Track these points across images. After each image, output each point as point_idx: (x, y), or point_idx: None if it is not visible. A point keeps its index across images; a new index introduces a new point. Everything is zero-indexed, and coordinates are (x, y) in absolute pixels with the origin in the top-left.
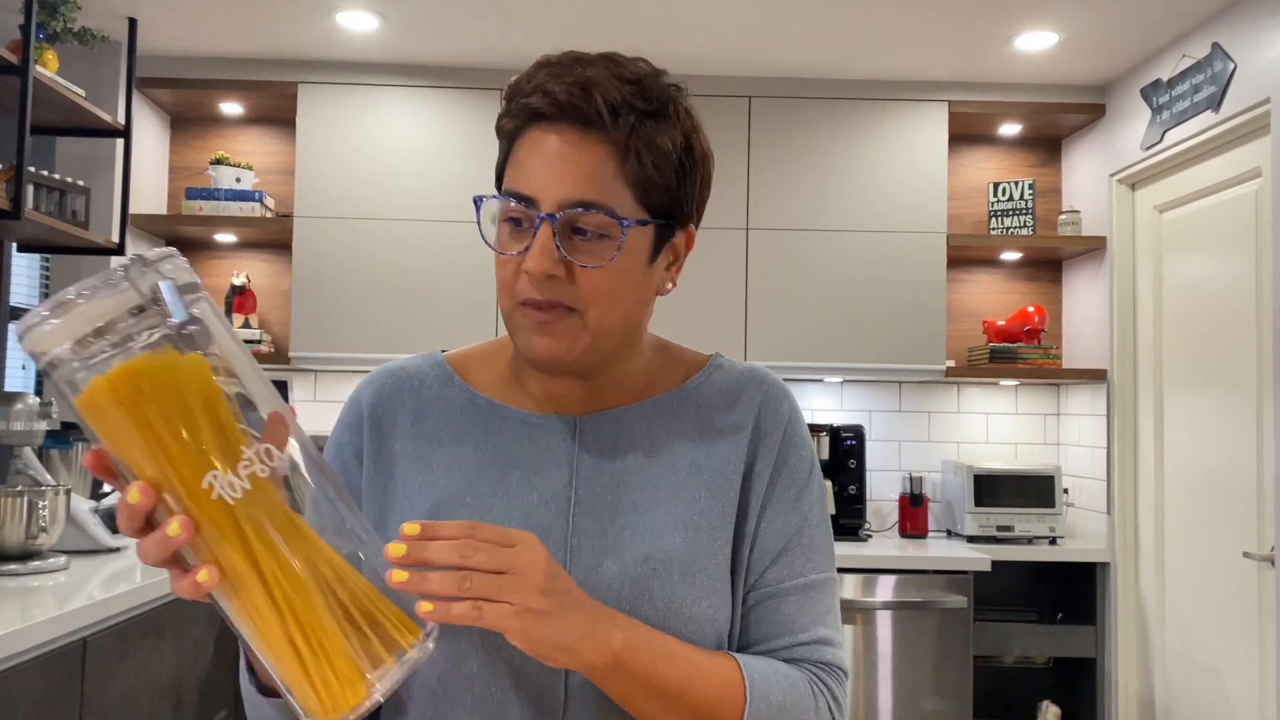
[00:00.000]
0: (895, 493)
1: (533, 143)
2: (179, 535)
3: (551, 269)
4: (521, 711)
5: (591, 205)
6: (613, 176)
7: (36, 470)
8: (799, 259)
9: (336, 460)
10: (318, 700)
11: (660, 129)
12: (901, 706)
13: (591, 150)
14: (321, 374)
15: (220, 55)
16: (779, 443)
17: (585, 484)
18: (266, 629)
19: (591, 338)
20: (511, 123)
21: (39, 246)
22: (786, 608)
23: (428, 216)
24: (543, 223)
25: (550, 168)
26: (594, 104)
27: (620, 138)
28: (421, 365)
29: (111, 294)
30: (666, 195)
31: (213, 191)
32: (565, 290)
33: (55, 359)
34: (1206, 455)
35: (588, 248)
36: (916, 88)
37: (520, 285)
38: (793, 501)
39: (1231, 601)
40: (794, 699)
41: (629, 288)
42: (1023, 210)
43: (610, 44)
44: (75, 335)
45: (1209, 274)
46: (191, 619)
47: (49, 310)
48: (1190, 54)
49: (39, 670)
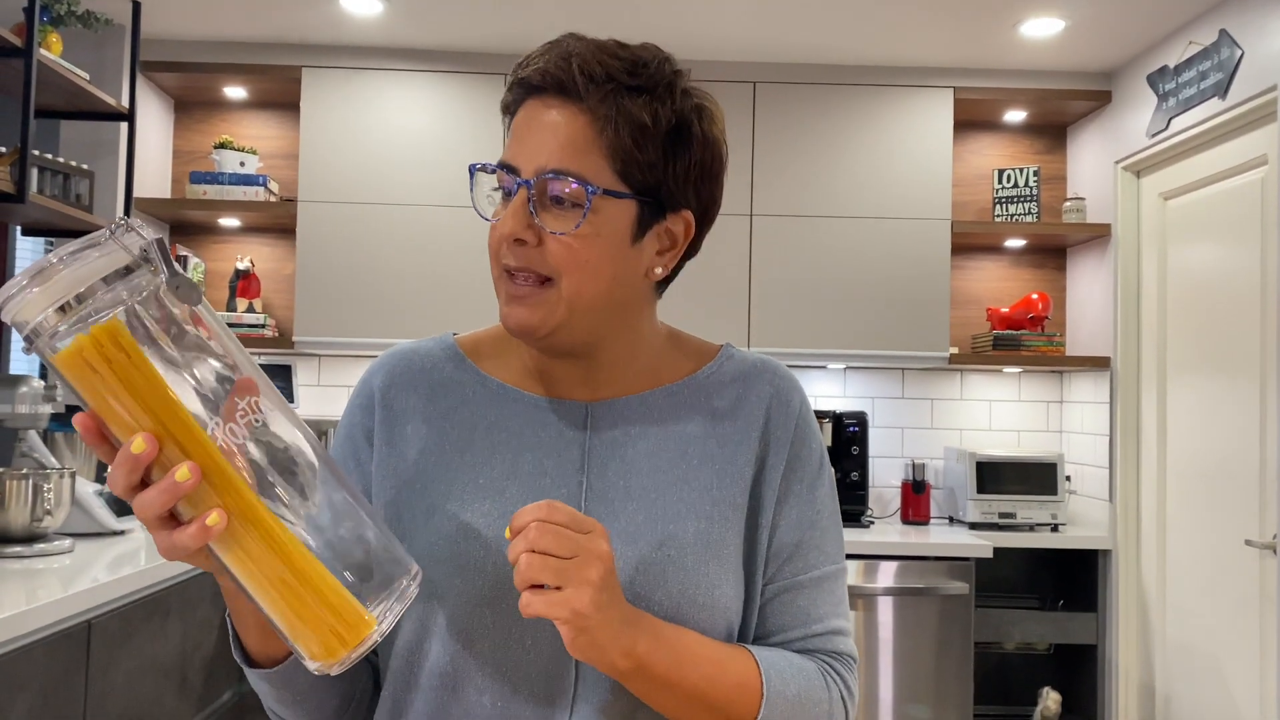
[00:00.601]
0: (898, 479)
1: (524, 115)
2: (189, 479)
3: (521, 232)
4: (532, 692)
5: (563, 173)
6: (589, 146)
7: (41, 453)
8: (803, 245)
9: (348, 442)
10: (321, 643)
11: (645, 104)
12: (903, 692)
13: (571, 119)
14: (325, 358)
15: (224, 39)
16: (791, 435)
17: (597, 469)
18: (267, 574)
19: (568, 310)
20: (509, 98)
21: (43, 230)
22: (801, 600)
23: (431, 201)
24: (519, 188)
25: (532, 136)
26: (572, 71)
27: (598, 108)
28: (433, 348)
29: (97, 257)
30: (650, 172)
31: (217, 175)
32: (536, 257)
33: (38, 326)
34: (1209, 443)
35: (561, 214)
36: (922, 74)
37: (501, 251)
38: (806, 494)
39: (1233, 589)
40: (808, 691)
41: (606, 262)
42: (1027, 197)
43: (614, 28)
44: (58, 300)
45: (1214, 262)
46: (196, 600)
47: (29, 278)
48: (1197, 40)
49: (44, 652)
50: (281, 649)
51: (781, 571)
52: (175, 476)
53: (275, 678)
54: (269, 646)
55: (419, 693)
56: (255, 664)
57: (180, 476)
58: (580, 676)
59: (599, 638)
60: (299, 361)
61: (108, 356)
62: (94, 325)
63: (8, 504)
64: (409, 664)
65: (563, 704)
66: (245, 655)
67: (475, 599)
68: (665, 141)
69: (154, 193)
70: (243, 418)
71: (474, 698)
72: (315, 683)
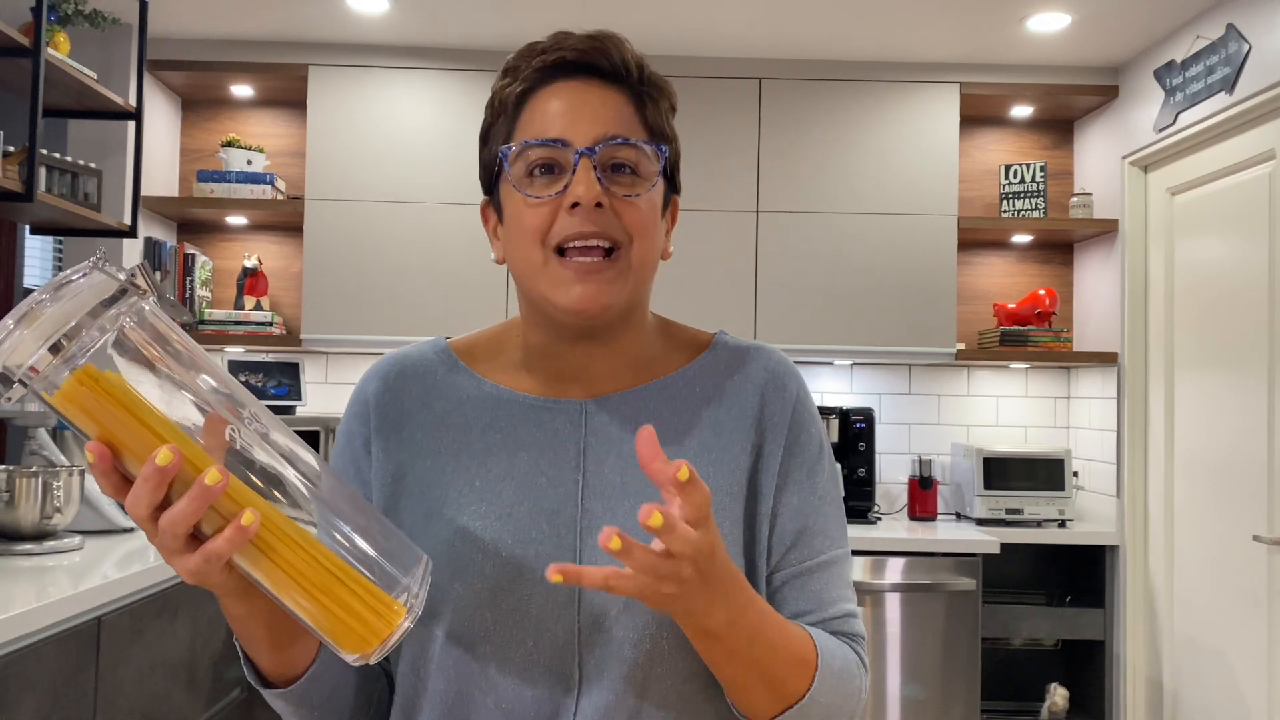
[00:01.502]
0: (904, 475)
1: (551, 95)
2: (219, 480)
3: (600, 196)
4: (536, 691)
5: (626, 140)
6: (634, 121)
7: (51, 451)
8: (809, 242)
9: (346, 450)
10: (357, 636)
11: (660, 90)
12: (910, 689)
13: (617, 96)
14: (333, 356)
15: (231, 37)
16: (788, 421)
17: (593, 466)
18: (295, 576)
19: (634, 284)
20: (521, 85)
21: (52, 229)
22: (813, 585)
23: (438, 198)
24: (581, 157)
25: (579, 110)
26: (611, 58)
27: (637, 88)
28: (426, 352)
29: (80, 291)
30: (671, 152)
31: (224, 174)
32: (611, 222)
33: (31, 369)
34: (1217, 439)
35: (626, 181)
36: (928, 69)
37: (559, 226)
38: (807, 480)
39: (1240, 584)
40: (847, 668)
41: (658, 231)
42: (1034, 193)
43: (620, 24)
44: (49, 340)
45: (1221, 257)
46: (205, 597)
47: (15, 321)
48: (1204, 35)
49: (54, 649)
50: (296, 665)
51: (787, 559)
52: (205, 480)
53: (291, 695)
54: (282, 665)
55: (426, 696)
56: (269, 683)
57: (210, 479)
58: (584, 675)
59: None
60: (306, 359)
61: (106, 387)
62: (88, 360)
63: (18, 501)
64: (414, 669)
65: (567, 703)
66: (258, 675)
67: (475, 602)
68: (673, 127)
69: (161, 191)
70: (248, 425)
71: (479, 698)
72: (332, 693)
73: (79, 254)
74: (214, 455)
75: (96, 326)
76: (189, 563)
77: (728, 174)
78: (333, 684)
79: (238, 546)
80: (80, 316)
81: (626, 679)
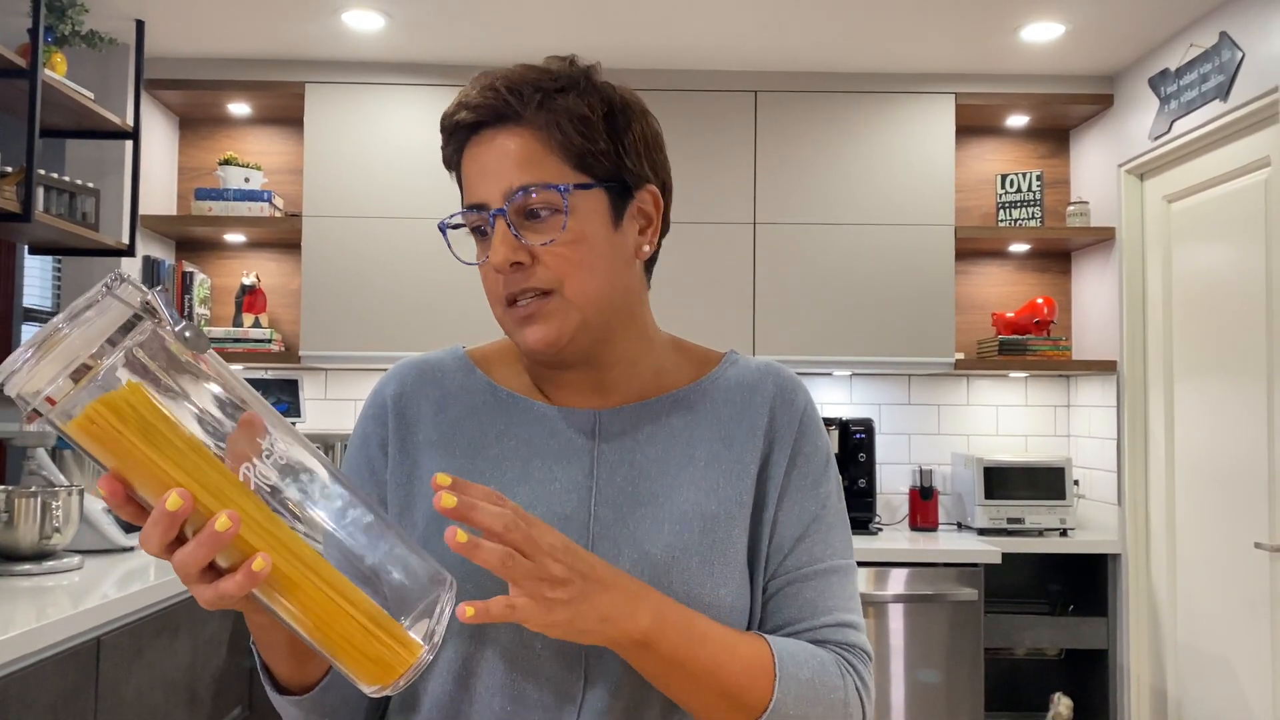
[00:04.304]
0: (905, 486)
1: (469, 158)
2: (229, 528)
3: (514, 256)
4: (541, 694)
5: (529, 186)
6: (543, 155)
7: (50, 471)
8: (807, 253)
9: (362, 451)
10: (374, 672)
11: (573, 100)
12: (914, 699)
13: (516, 138)
14: (332, 372)
15: (227, 56)
16: (795, 433)
17: (605, 474)
18: (313, 613)
19: (580, 315)
20: (450, 149)
21: (50, 249)
22: (807, 592)
23: (436, 214)
24: (496, 219)
25: (486, 169)
26: (501, 95)
27: (535, 117)
28: (444, 358)
29: (97, 316)
30: (605, 158)
31: (222, 192)
32: (536, 274)
33: (49, 397)
34: (1217, 446)
35: (543, 226)
36: (923, 80)
37: (499, 286)
38: (810, 489)
39: (1243, 592)
40: (822, 677)
41: (599, 256)
42: (1031, 202)
43: (614, 40)
44: (68, 367)
45: (1219, 264)
46: (205, 616)
47: (33, 349)
48: (1198, 43)
49: (54, 669)
50: (312, 673)
51: (784, 564)
52: (215, 526)
53: (305, 703)
54: (299, 674)
55: (430, 698)
56: (284, 690)
57: (220, 526)
58: (588, 678)
59: (581, 624)
60: (305, 376)
61: (125, 418)
62: (103, 388)
63: (17, 521)
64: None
65: (570, 708)
66: (274, 682)
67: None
68: (606, 126)
69: (159, 210)
70: (267, 457)
71: (485, 700)
72: (344, 700)
73: (78, 274)
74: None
75: (114, 355)
76: (205, 594)
77: (725, 186)
78: (345, 691)
79: (249, 589)
80: (99, 345)
81: (631, 683)
